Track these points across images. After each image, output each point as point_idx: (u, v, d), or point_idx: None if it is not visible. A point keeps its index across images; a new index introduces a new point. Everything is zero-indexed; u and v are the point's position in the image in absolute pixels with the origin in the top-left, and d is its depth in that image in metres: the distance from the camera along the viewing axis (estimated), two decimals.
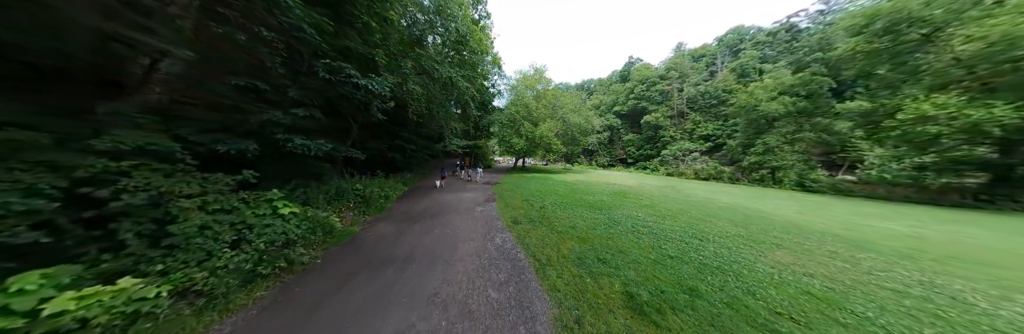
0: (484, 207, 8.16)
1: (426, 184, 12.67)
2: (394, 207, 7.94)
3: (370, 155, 11.99)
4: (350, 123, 11.11)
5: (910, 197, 15.79)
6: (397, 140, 12.60)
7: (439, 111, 11.06)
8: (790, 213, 10.94)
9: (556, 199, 10.00)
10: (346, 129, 10.81)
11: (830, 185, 18.54)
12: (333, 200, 6.27)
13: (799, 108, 19.99)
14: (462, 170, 16.26)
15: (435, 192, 10.57)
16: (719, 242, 6.09)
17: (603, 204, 9.70)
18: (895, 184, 16.94)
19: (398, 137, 12.84)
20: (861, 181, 17.91)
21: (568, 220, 7.13)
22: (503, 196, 10.12)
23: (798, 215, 10.51)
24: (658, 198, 12.29)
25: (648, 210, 9.33)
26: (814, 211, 11.61)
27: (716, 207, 11.08)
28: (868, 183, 17.62)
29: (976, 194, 14.04)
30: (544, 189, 12.48)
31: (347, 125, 10.61)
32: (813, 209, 12.17)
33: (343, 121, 10.81)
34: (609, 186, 15.69)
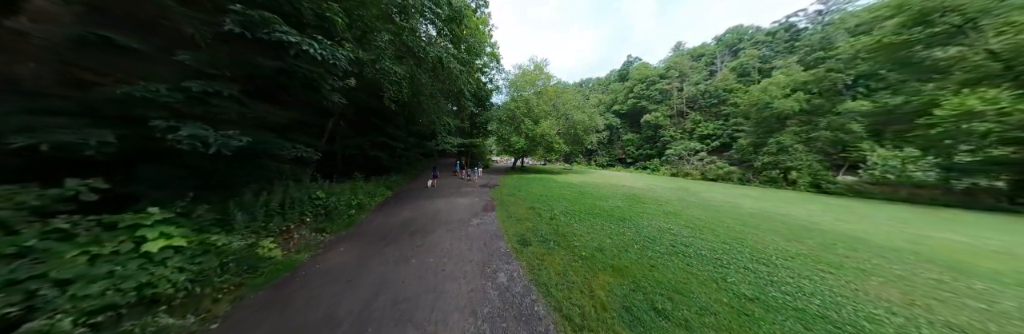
0: (481, 218, 6.45)
1: (416, 187, 10.93)
2: (369, 219, 6.19)
3: (349, 154, 10.20)
4: (322, 115, 9.32)
5: (936, 199, 14.50)
6: (381, 137, 10.81)
7: (429, 103, 9.31)
8: (829, 220, 9.45)
9: (566, 206, 8.35)
10: (313, 123, 9.02)
11: (847, 187, 17.21)
12: (276, 215, 4.52)
13: (813, 106, 18.65)
14: (461, 170, 14.84)
15: (424, 198, 8.84)
16: (789, 267, 4.53)
17: (622, 212, 8.09)
18: (918, 186, 15.65)
19: (383, 133, 11.04)
20: (878, 182, 16.64)
21: (590, 237, 5.48)
22: (504, 202, 8.44)
23: (841, 223, 9.01)
24: (677, 203, 10.74)
25: (675, 219, 7.74)
26: (851, 218, 10.12)
27: (746, 214, 9.56)
28: (887, 184, 16.34)
29: (1012, 197, 12.77)
30: (549, 193, 10.83)
31: (314, 117, 8.83)
32: (848, 215, 10.69)
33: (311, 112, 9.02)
34: (618, 189, 14.12)
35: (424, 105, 9.53)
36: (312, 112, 9.58)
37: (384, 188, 9.28)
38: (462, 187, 11.62)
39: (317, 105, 8.84)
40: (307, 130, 9.21)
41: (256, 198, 4.20)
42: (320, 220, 5.38)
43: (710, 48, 53.67)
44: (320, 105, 8.42)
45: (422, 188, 10.81)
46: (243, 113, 4.01)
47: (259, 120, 4.48)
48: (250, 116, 4.29)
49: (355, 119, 10.92)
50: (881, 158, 17.09)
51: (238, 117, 3.92)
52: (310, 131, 9.47)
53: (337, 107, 5.27)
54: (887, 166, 16.74)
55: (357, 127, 10.84)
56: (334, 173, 9.33)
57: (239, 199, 4.13)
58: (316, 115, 9.38)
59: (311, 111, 9.48)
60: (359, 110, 10.74)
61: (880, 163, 17.07)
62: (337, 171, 9.72)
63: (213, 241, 3.04)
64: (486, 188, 11.63)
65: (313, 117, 9.26)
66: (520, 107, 18.05)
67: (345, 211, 5.86)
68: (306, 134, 9.17)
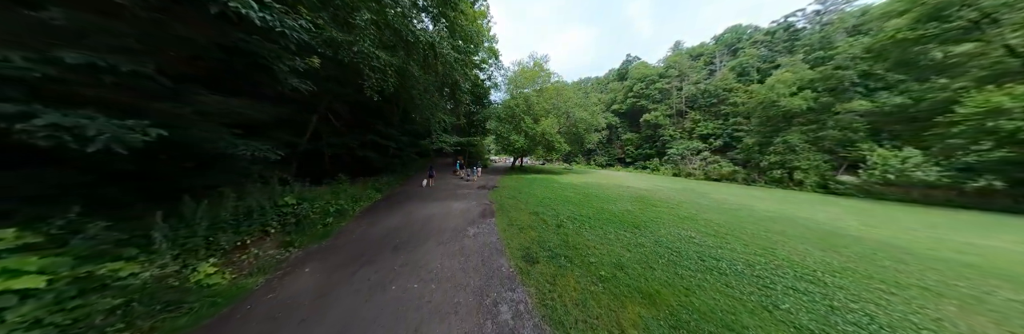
0: (479, 227, 5.59)
1: (409, 188, 10.04)
2: (349, 228, 5.30)
3: (334, 154, 9.29)
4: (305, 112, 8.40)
5: (952, 201, 13.87)
6: (372, 135, 9.90)
7: (422, 98, 8.42)
8: (854, 225, 8.71)
9: (573, 211, 7.52)
10: (295, 120, 8.11)
11: (857, 187, 16.56)
12: (226, 228, 3.64)
13: (821, 104, 17.99)
14: (461, 169, 14.22)
15: (416, 202, 7.96)
16: (843, 286, 3.84)
17: (634, 217, 7.28)
18: (930, 186, 15.02)
19: (374, 131, 10.14)
20: (888, 183, 16.00)
21: (605, 250, 4.66)
22: (504, 207, 7.58)
23: (869, 229, 8.26)
24: (689, 206, 9.96)
25: (693, 225, 6.97)
26: (877, 222, 9.39)
27: (764, 218, 8.82)
28: (898, 185, 15.70)
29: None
30: (552, 195, 10.00)
31: (297, 114, 7.92)
32: (871, 218, 9.97)
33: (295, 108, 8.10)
34: (624, 190, 13.32)
35: (417, 100, 8.64)
36: (296, 108, 8.67)
37: (373, 191, 8.39)
38: (459, 188, 10.76)
39: (300, 100, 7.94)
40: (288, 127, 8.32)
41: (195, 208, 3.31)
42: (288, 231, 4.50)
43: (709, 47, 53.17)
44: (300, 98, 7.52)
45: (416, 190, 9.92)
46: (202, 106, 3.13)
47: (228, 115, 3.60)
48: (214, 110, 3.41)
49: (344, 116, 10.00)
50: (881, 158, 16.54)
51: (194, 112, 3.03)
52: (292, 128, 8.58)
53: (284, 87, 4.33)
54: (887, 166, 16.19)
55: (346, 124, 9.94)
56: (322, 175, 8.43)
57: (176, 209, 3.25)
58: (298, 111, 8.48)
59: (294, 107, 8.58)
60: (348, 106, 9.83)
61: (880, 163, 16.51)
62: (325, 172, 8.82)
63: (107, 273, 2.16)
64: (484, 190, 10.77)
65: (295, 113, 8.36)
66: (520, 104, 17.18)
67: (320, 220, 4.97)
68: (287, 132, 8.28)
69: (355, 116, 10.30)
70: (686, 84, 45.39)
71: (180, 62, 3.47)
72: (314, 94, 8.44)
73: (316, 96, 8.58)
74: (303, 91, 4.61)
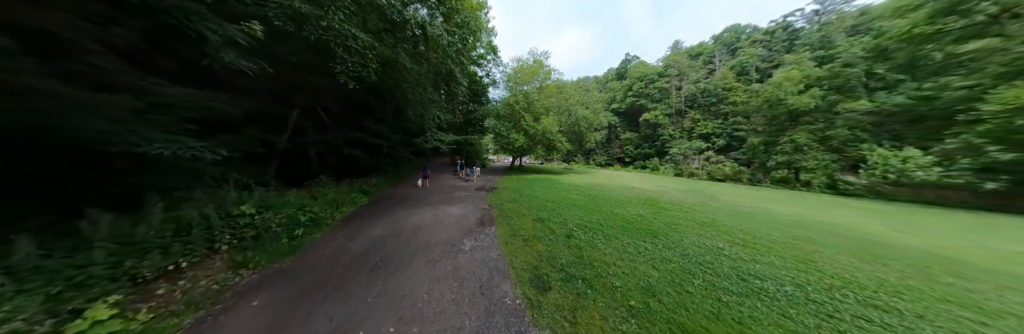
0: (477, 239, 4.77)
1: (401, 191, 9.19)
2: (322, 241, 4.45)
3: (319, 152, 8.40)
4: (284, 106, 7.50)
5: (968, 202, 13.28)
6: (360, 132, 9.02)
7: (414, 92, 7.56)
8: (883, 230, 8.00)
9: (581, 216, 6.73)
10: (272, 115, 7.22)
11: (868, 188, 15.95)
12: (150, 248, 2.79)
13: (829, 102, 17.37)
14: (461, 169, 13.76)
15: (406, 206, 7.12)
16: (923, 315, 3.41)
17: (648, 223, 6.53)
18: (942, 187, 14.43)
19: (362, 128, 9.25)
20: (900, 183, 15.42)
21: (628, 268, 3.87)
22: (505, 212, 6.76)
23: (902, 235, 7.55)
24: (703, 209, 9.22)
25: (714, 233, 6.24)
26: (904, 226, 8.69)
27: (786, 222, 8.11)
28: (909, 186, 15.10)
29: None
30: (556, 198, 9.19)
31: (272, 108, 7.04)
32: (895, 222, 9.27)
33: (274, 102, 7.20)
34: (629, 191, 12.56)
35: (408, 94, 7.78)
36: (273, 101, 7.75)
37: (359, 194, 7.53)
38: (456, 190, 9.91)
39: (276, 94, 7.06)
40: (264, 123, 7.42)
41: (94, 224, 2.45)
42: (244, 248, 3.65)
43: (708, 47, 52.66)
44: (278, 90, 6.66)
45: (409, 191, 9.08)
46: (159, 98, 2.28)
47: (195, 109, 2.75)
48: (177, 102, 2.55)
49: (334, 111, 9.10)
50: (881, 158, 16.05)
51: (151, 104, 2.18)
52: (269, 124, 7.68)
53: (217, 64, 3.44)
54: (887, 166, 15.70)
55: (335, 121, 9.04)
56: (307, 176, 7.54)
57: (69, 227, 2.38)
58: (276, 105, 7.56)
59: (271, 100, 7.66)
60: (335, 101, 8.94)
61: (881, 163, 16.00)
62: (311, 173, 7.94)
63: None
64: (482, 192, 9.95)
65: (272, 107, 7.46)
66: (520, 101, 16.34)
67: (286, 232, 4.12)
68: (262, 128, 7.39)
69: (343, 112, 9.42)
70: (686, 83, 44.82)
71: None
72: (294, 85, 7.57)
73: (296, 88, 7.69)
74: (249, 72, 3.71)
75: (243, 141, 6.45)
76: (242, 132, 6.53)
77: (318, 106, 8.96)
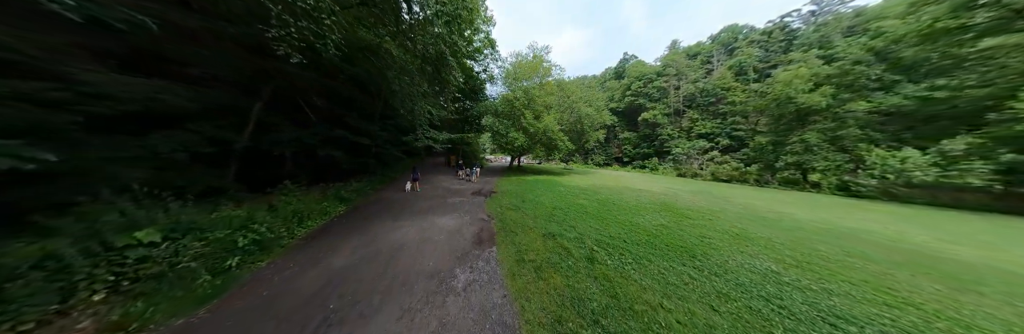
0: (473, 267, 3.59)
1: (387, 197, 7.96)
2: (263, 275, 3.23)
3: (291, 152, 7.12)
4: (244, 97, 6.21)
5: (988, 205, 12.54)
6: (341, 129, 7.76)
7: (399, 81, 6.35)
8: (927, 239, 7.08)
9: (598, 228, 5.63)
10: (228, 107, 5.95)
11: (880, 189, 15.17)
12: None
13: (840, 101, 16.56)
14: (461, 170, 13.23)
15: (389, 218, 5.91)
16: None
17: (676, 237, 5.51)
18: (959, 189, 13.69)
19: (344, 124, 7.99)
20: (910, 185, 14.68)
21: (684, 315, 2.78)
22: (507, 224, 5.61)
23: (950, 246, 6.61)
24: (725, 216, 8.22)
25: (756, 249, 5.33)
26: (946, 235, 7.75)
27: (822, 232, 7.23)
28: (924, 187, 14.35)
29: None
30: (562, 203, 8.07)
31: (229, 100, 5.78)
32: (931, 230, 8.35)
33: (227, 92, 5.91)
34: (639, 194, 11.52)
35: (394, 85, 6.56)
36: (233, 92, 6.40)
37: (335, 201, 6.30)
38: (450, 195, 8.71)
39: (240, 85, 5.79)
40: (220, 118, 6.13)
41: None
42: (136, 295, 2.44)
43: (706, 47, 52.11)
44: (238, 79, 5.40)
45: (396, 197, 7.86)
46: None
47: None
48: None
49: (320, 106, 7.82)
50: (880, 158, 15.44)
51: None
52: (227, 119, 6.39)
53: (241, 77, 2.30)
54: (886, 166, 15.09)
55: (318, 117, 7.76)
56: (278, 180, 6.26)
57: None
58: (234, 96, 6.24)
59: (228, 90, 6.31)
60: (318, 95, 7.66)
61: (879, 163, 15.38)
62: (282, 177, 6.66)
63: None
64: (480, 196, 8.77)
65: (227, 98, 6.17)
66: (520, 98, 15.14)
67: (209, 265, 2.91)
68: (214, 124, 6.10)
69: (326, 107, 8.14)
70: (684, 83, 44.15)
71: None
72: (252, 72, 6.27)
73: (256, 76, 6.41)
74: (107, 20, 2.50)
75: (189, 139, 5.18)
76: (186, 128, 5.27)
77: (302, 100, 7.68)
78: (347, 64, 7.66)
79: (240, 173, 6.65)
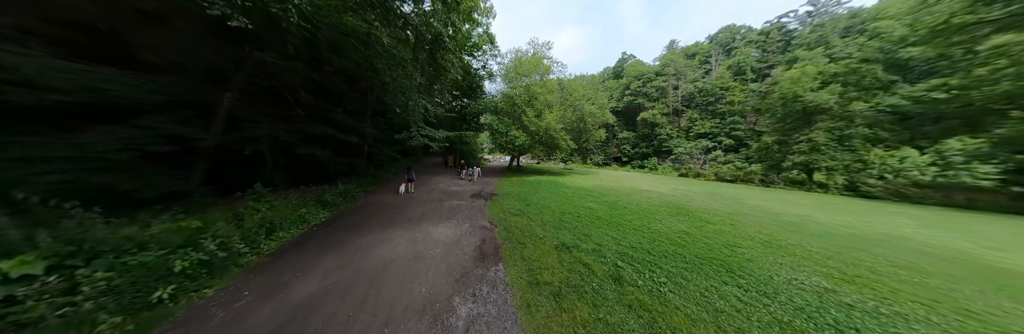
0: (476, 295, 2.83)
1: (378, 201, 7.17)
2: (202, 310, 2.45)
3: (254, 152, 6.27)
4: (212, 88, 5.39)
5: (1007, 206, 12.07)
6: (326, 126, 6.95)
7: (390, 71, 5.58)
8: (971, 247, 6.50)
9: (615, 237, 4.94)
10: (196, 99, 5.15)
11: (891, 190, 14.68)
12: None
13: (849, 99, 16.08)
14: (463, 170, 13.12)
15: (376, 227, 5.14)
16: None
17: (703, 246, 4.89)
18: (974, 190, 13.25)
19: (325, 120, 7.18)
20: (922, 185, 14.21)
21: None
22: (513, 233, 4.87)
23: (1000, 253, 6.02)
24: (746, 220, 7.61)
25: (797, 260, 4.82)
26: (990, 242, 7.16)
27: (855, 238, 6.76)
28: (937, 188, 13.88)
29: None
30: (571, 207, 7.35)
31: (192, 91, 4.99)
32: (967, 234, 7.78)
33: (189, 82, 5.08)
34: (647, 196, 10.86)
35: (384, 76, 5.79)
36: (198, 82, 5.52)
37: (317, 207, 5.51)
38: (447, 197, 7.93)
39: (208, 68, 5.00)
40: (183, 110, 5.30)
41: None
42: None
43: (703, 47, 51.88)
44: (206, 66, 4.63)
45: (388, 201, 7.08)
46: None
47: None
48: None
49: (305, 100, 7.00)
50: (878, 158, 15.11)
51: None
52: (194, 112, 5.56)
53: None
54: (884, 166, 14.78)
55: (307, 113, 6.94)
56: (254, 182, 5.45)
57: None
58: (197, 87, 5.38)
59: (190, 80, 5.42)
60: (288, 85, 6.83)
61: (878, 163, 15.06)
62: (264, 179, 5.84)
63: None
64: (480, 199, 8.02)
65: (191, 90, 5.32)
66: (521, 95, 14.39)
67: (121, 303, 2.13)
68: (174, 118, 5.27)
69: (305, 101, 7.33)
70: (683, 83, 43.79)
71: None
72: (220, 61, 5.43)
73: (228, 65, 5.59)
74: None
75: (136, 136, 4.37)
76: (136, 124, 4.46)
77: (285, 94, 6.86)
78: (334, 55, 6.89)
79: (211, 175, 5.84)
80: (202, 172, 5.59)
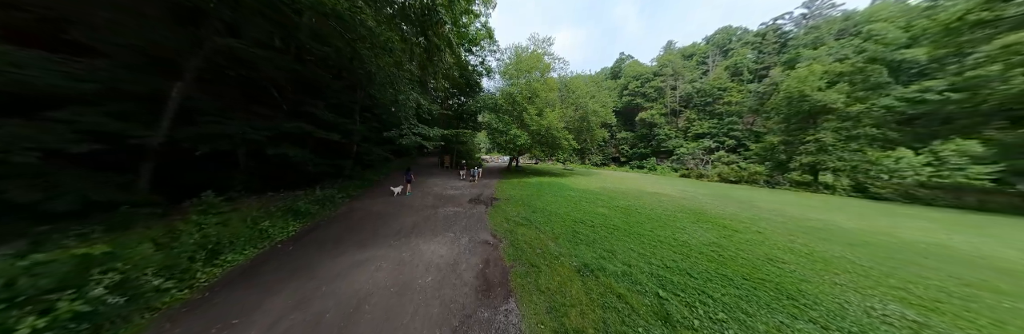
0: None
1: (363, 207, 6.24)
2: None
3: (214, 150, 5.30)
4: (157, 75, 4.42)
5: (1020, 208, 11.64)
6: (304, 122, 6.00)
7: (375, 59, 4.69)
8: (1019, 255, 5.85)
9: (640, 252, 4.15)
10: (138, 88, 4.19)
11: (901, 191, 14.21)
12: None
13: (855, 99, 15.60)
14: (463, 170, 12.45)
15: (358, 238, 4.24)
16: None
17: (744, 262, 4.21)
18: (986, 191, 12.82)
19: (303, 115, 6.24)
20: (931, 186, 13.78)
21: None
22: (522, 250, 4.01)
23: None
24: (769, 227, 6.94)
25: (849, 276, 4.36)
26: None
27: (892, 246, 6.23)
28: (948, 189, 13.44)
29: None
30: (581, 214, 6.52)
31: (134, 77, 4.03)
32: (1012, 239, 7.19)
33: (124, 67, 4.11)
34: (656, 199, 10.12)
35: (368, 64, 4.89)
36: (139, 67, 4.45)
37: (285, 217, 4.59)
38: (442, 203, 7.02)
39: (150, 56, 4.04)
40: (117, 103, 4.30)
41: None
42: None
43: (700, 47, 51.78)
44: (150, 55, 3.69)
45: (374, 208, 6.17)
46: None
47: None
48: None
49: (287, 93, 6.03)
50: (876, 158, 14.75)
51: None
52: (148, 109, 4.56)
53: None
54: (880, 166, 14.43)
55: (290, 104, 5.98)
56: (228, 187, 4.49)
57: None
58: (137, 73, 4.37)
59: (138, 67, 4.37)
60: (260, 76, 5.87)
61: (874, 164, 14.72)
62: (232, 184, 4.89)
63: None
64: (480, 205, 7.14)
65: (131, 77, 4.32)
66: (523, 91, 13.52)
67: None
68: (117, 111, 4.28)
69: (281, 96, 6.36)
70: (681, 83, 43.48)
71: None
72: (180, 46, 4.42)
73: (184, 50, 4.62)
74: None
75: (45, 134, 3.41)
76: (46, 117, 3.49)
77: (266, 86, 5.91)
78: (315, 42, 5.95)
79: (167, 179, 4.87)
80: (148, 176, 4.63)
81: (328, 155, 7.07)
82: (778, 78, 36.27)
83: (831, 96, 15.29)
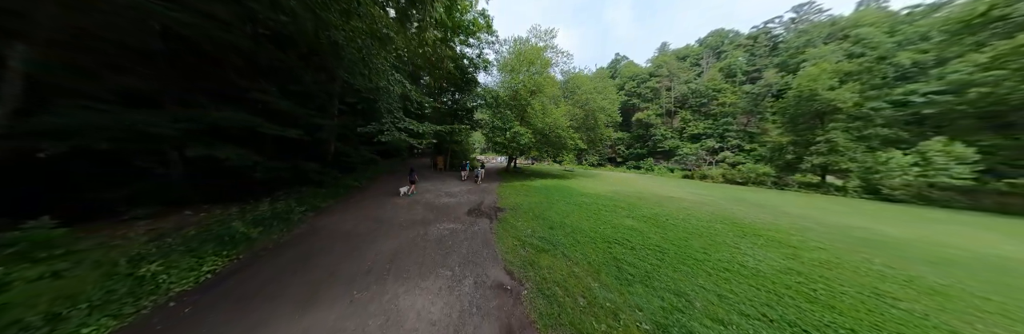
0: None
1: (328, 224, 4.68)
2: None
3: (77, 148, 3.66)
4: None
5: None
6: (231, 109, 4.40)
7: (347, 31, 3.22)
8: None
9: (719, 294, 2.75)
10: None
11: (915, 193, 13.53)
12: None
13: (866, 98, 14.93)
14: (464, 170, 11.83)
15: (314, 274, 2.75)
16: None
17: (852, 299, 2.74)
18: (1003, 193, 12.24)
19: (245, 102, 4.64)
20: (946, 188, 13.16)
21: None
22: (559, 305, 2.53)
23: None
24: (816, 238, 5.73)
25: (992, 317, 2.57)
26: None
27: (985, 266, 4.85)
28: (963, 191, 12.82)
29: None
30: (610, 231, 5.13)
31: None
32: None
33: None
34: (675, 204, 8.93)
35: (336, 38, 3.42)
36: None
37: (191, 256, 3.05)
38: (434, 218, 5.50)
39: None
40: None
41: None
42: None
43: (694, 49, 51.92)
44: None
45: (344, 225, 4.66)
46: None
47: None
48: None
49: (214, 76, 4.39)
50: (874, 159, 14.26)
51: None
52: None
53: None
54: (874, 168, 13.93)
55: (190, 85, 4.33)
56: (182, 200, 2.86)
57: None
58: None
59: None
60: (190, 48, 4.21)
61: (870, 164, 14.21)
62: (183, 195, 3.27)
63: None
64: (482, 218, 5.69)
65: None
66: (526, 85, 12.08)
67: None
68: None
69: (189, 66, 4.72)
70: (676, 84, 43.12)
71: None
72: None
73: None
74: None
75: None
76: None
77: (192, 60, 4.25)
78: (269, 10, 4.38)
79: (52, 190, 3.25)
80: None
81: (287, 156, 5.45)
82: (772, 79, 36.03)
83: (844, 95, 14.51)
